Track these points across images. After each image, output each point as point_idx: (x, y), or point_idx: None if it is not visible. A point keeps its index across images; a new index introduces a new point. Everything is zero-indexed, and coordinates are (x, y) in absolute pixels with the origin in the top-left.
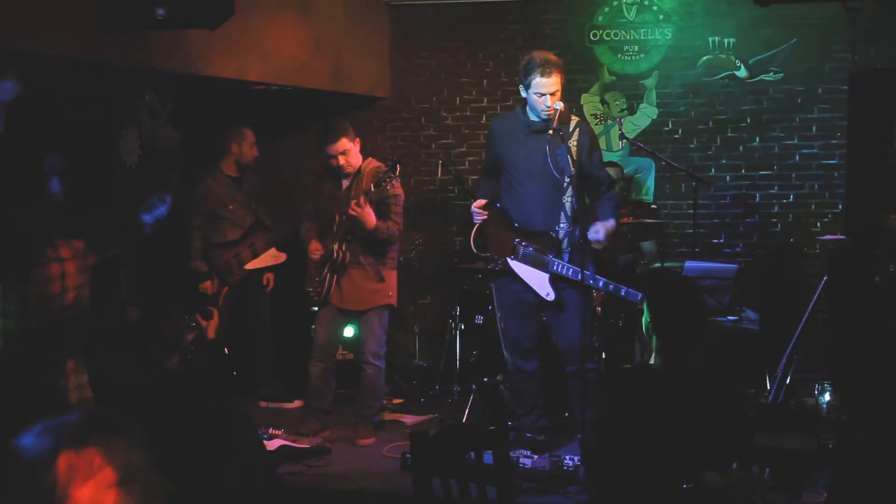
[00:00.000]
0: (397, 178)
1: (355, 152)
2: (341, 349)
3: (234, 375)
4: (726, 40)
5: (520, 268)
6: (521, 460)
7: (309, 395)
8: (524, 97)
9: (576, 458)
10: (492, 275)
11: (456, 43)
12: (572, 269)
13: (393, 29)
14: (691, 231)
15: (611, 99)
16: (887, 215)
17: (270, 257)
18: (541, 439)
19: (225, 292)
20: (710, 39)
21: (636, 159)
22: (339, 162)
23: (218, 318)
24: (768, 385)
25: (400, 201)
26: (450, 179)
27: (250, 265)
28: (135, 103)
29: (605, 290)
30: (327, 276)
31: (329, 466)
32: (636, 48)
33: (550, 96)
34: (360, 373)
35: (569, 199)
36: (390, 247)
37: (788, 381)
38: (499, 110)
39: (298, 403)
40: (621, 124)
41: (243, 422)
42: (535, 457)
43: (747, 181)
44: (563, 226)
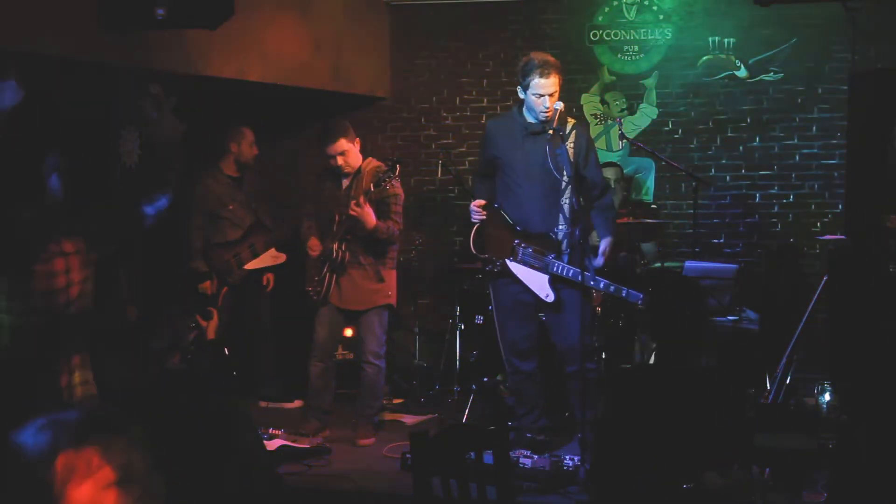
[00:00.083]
0: (397, 178)
1: (354, 153)
2: (341, 349)
3: (234, 375)
4: (726, 40)
5: (519, 269)
6: (521, 460)
7: (309, 395)
8: (521, 98)
9: (576, 458)
10: (490, 276)
11: (456, 43)
12: (573, 271)
13: (393, 29)
14: (691, 231)
15: (611, 99)
16: (887, 215)
17: (270, 257)
18: (541, 439)
19: (224, 292)
20: (710, 39)
21: (636, 159)
22: (338, 162)
23: (217, 319)
24: (768, 385)
25: (400, 201)
26: (450, 179)
27: (250, 265)
28: (138, 99)
29: (606, 291)
30: (326, 276)
31: (329, 466)
32: (636, 48)
33: (549, 97)
34: (360, 373)
35: (567, 201)
36: (390, 247)
37: (788, 381)
38: (499, 110)
39: (298, 403)
40: (621, 124)
41: (243, 422)
42: (535, 457)
43: (747, 181)
44: (561, 227)
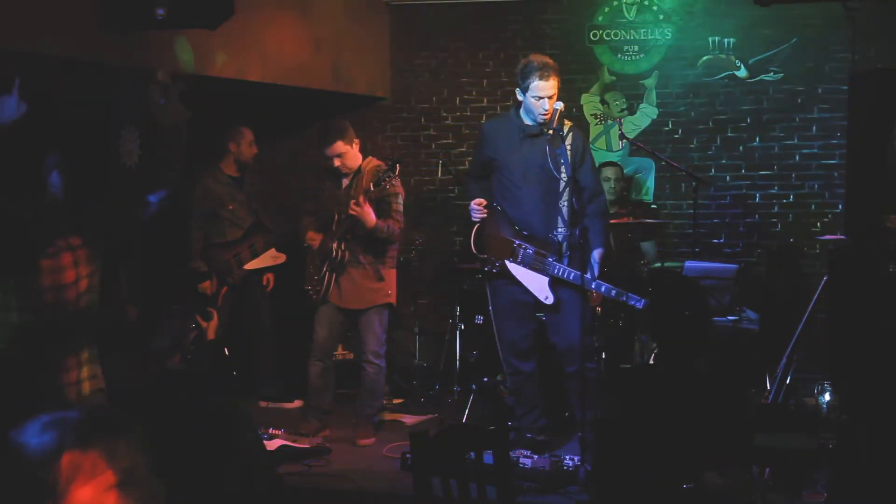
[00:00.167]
0: (397, 177)
1: (352, 154)
2: (341, 349)
3: (234, 375)
4: (726, 40)
5: (518, 271)
6: (521, 460)
7: (309, 394)
8: (520, 100)
9: (576, 458)
10: (488, 276)
11: (456, 43)
12: (573, 273)
13: (393, 29)
14: (691, 231)
15: (611, 99)
16: (887, 215)
17: (270, 258)
18: (541, 439)
19: (224, 292)
20: (710, 39)
21: (636, 159)
22: (336, 164)
23: (217, 319)
24: (768, 385)
25: (400, 200)
26: (450, 179)
27: (250, 265)
28: (142, 90)
29: (608, 295)
30: (326, 275)
31: (329, 466)
32: (636, 48)
33: (548, 99)
34: (361, 372)
35: (565, 203)
36: (390, 246)
37: (788, 381)
38: (499, 110)
39: (298, 403)
40: (621, 124)
41: (243, 422)
42: (535, 457)
43: (747, 181)
44: (560, 229)
